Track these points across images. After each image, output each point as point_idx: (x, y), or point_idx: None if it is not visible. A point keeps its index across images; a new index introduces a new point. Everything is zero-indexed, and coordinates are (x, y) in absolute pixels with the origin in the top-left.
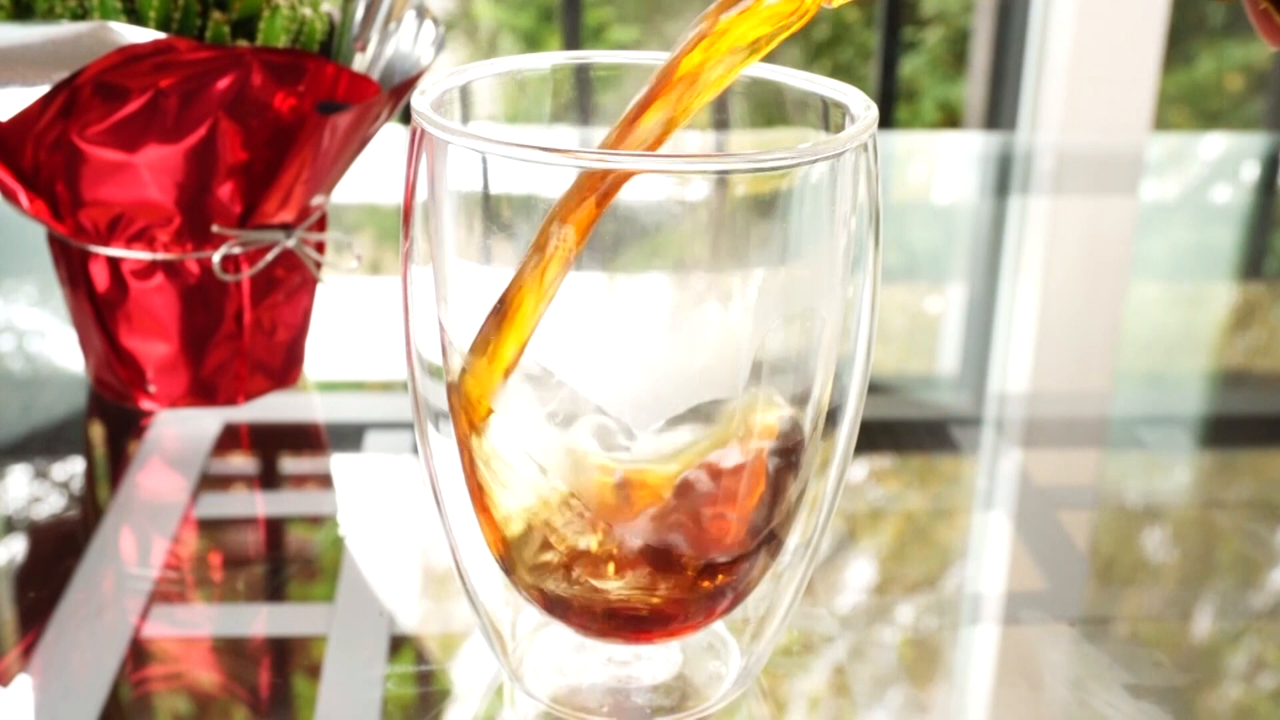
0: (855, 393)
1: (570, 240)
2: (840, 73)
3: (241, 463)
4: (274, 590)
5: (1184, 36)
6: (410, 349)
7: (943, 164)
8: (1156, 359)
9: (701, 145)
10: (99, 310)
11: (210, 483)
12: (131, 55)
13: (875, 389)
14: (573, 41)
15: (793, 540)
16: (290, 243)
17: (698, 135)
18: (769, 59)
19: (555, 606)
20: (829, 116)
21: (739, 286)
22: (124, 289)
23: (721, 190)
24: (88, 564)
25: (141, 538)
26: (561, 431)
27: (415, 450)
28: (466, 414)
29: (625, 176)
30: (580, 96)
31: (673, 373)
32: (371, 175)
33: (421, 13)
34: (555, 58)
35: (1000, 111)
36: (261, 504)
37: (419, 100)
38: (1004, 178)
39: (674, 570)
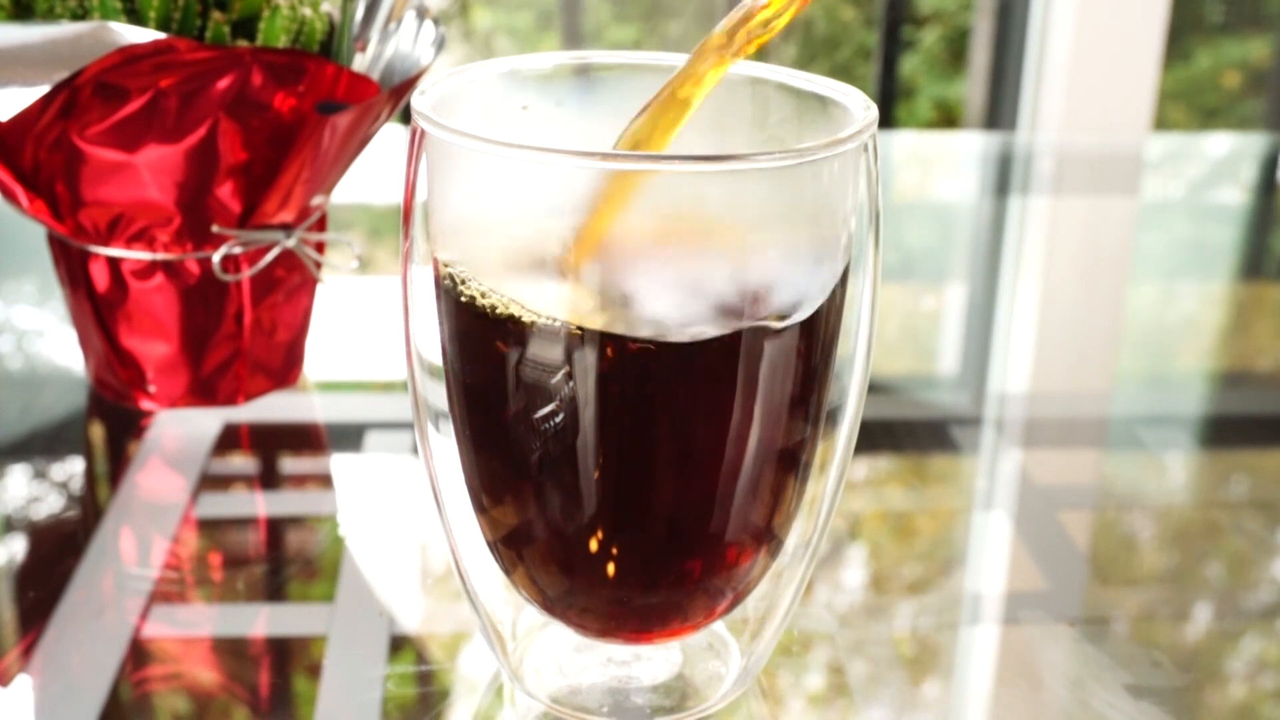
0: (855, 393)
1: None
2: (839, 72)
3: (241, 463)
4: (274, 590)
5: (1182, 33)
6: (410, 349)
7: (942, 164)
8: (1156, 359)
9: (701, 145)
10: (99, 310)
11: (210, 483)
12: (131, 55)
13: (875, 389)
14: (571, 42)
15: (793, 540)
16: (290, 243)
17: (698, 135)
18: (768, 59)
19: (555, 605)
20: (829, 117)
21: (737, 287)
22: (124, 289)
23: (721, 190)
24: (88, 564)
25: (141, 538)
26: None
27: (415, 450)
28: None
29: (634, 179)
30: (580, 96)
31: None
32: (369, 175)
33: (421, 13)
34: (556, 58)
35: (1000, 111)
36: (261, 504)
37: (419, 100)
38: (1004, 178)
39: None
